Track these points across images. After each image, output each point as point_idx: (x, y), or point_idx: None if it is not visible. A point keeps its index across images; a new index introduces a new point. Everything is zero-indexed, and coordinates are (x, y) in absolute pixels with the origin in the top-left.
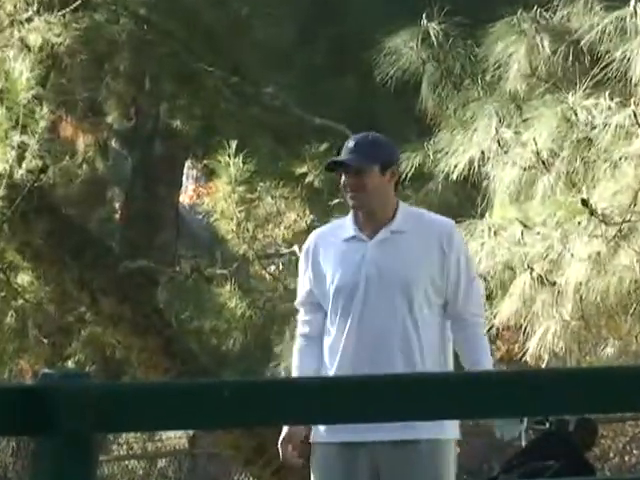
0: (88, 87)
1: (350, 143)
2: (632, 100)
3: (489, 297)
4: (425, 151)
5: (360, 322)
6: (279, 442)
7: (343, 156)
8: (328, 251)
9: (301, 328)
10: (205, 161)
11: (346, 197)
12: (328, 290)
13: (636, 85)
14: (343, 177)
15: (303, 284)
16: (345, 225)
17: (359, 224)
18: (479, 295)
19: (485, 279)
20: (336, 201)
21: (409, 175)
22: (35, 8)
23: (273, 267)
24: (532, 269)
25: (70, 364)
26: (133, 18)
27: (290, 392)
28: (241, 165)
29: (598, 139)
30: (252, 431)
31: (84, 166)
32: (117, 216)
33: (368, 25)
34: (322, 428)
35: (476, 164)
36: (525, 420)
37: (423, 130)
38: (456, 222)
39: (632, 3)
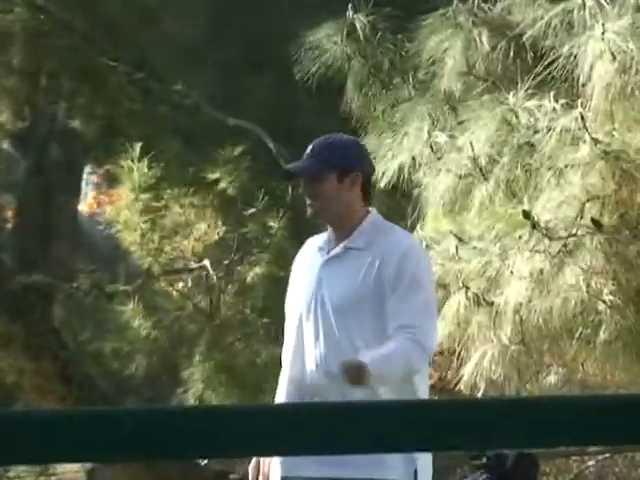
0: None
1: (309, 147)
2: (579, 102)
3: None
4: None
5: (307, 349)
6: (250, 467)
7: (297, 162)
8: (302, 264)
9: (283, 354)
10: (107, 166)
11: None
12: (288, 313)
13: (583, 85)
14: (301, 183)
15: (287, 302)
16: (324, 235)
17: (329, 236)
18: (420, 312)
19: None
20: (251, 210)
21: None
22: None
23: (181, 284)
24: (467, 287)
25: None
26: (28, 7)
27: (198, 421)
28: (146, 170)
29: (541, 144)
30: (154, 465)
31: None
32: (9, 225)
33: (288, 17)
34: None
35: (406, 171)
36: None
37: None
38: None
39: None
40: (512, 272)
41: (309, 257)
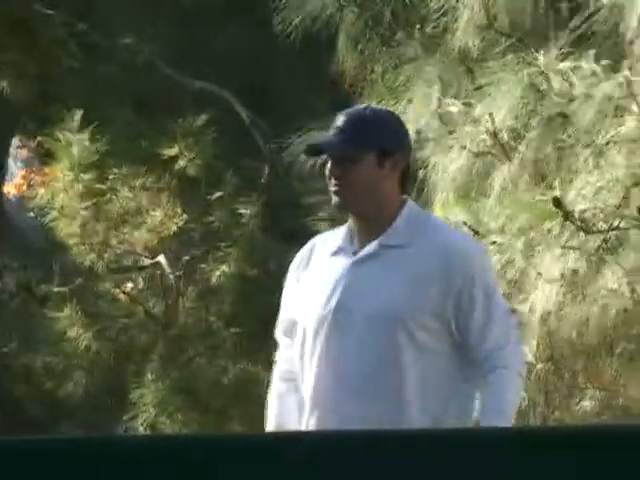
0: None
1: (339, 119)
2: (625, 63)
3: None
4: None
5: (326, 367)
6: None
7: (326, 137)
8: (312, 267)
9: (277, 366)
10: (39, 138)
11: (331, 192)
12: (298, 322)
13: (631, 43)
14: (328, 164)
15: (283, 307)
16: (341, 232)
17: (351, 232)
18: (505, 328)
19: None
20: (218, 195)
21: (317, 162)
22: None
23: (130, 285)
24: None
25: None
26: None
27: (154, 451)
28: (88, 144)
29: (577, 116)
30: None
31: None
32: None
33: None
34: None
35: None
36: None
37: (339, 100)
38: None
39: None
40: (540, 273)
41: (322, 259)
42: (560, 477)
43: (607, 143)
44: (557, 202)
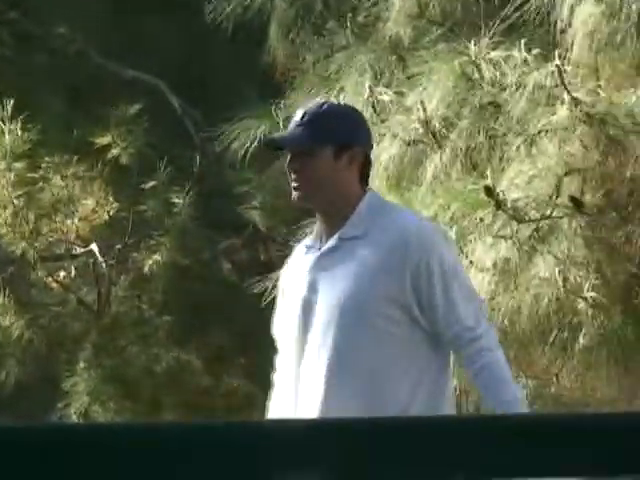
0: None
1: (297, 113)
2: (556, 52)
3: None
4: (272, 118)
5: (300, 366)
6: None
7: (283, 132)
8: (291, 274)
9: (275, 371)
10: None
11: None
12: (278, 322)
13: (562, 32)
14: (287, 158)
15: (277, 311)
16: (313, 231)
17: (319, 229)
18: (470, 308)
19: None
20: (150, 183)
21: (249, 151)
22: None
23: (63, 273)
24: None
25: None
26: None
27: (83, 440)
28: (19, 133)
29: (509, 105)
30: None
31: None
32: None
33: None
34: None
35: None
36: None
37: (270, 89)
38: (313, 215)
39: None
40: (472, 262)
41: (298, 263)
42: (495, 465)
43: (539, 132)
44: (489, 191)
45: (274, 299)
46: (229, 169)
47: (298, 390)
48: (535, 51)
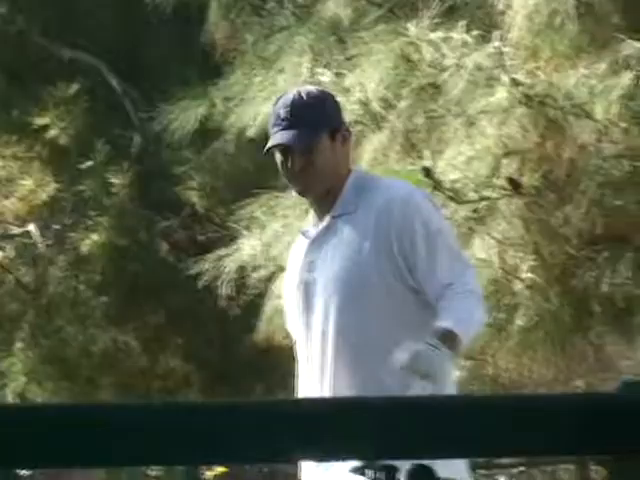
0: None
1: (281, 110)
2: (496, 34)
3: None
4: (211, 99)
5: (308, 347)
6: None
7: (277, 135)
8: (293, 256)
9: (297, 362)
10: None
11: (288, 181)
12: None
13: (502, 13)
14: (278, 156)
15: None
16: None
17: (315, 213)
18: (455, 266)
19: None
20: (88, 164)
21: (188, 131)
22: None
23: (1, 253)
24: None
25: None
26: None
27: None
28: None
29: (448, 86)
30: None
31: None
32: None
33: None
34: None
35: None
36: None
37: (209, 70)
38: (252, 195)
39: None
40: None
41: (297, 250)
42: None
43: (478, 113)
44: (427, 172)
45: (214, 279)
46: (168, 149)
47: (314, 372)
48: (475, 32)
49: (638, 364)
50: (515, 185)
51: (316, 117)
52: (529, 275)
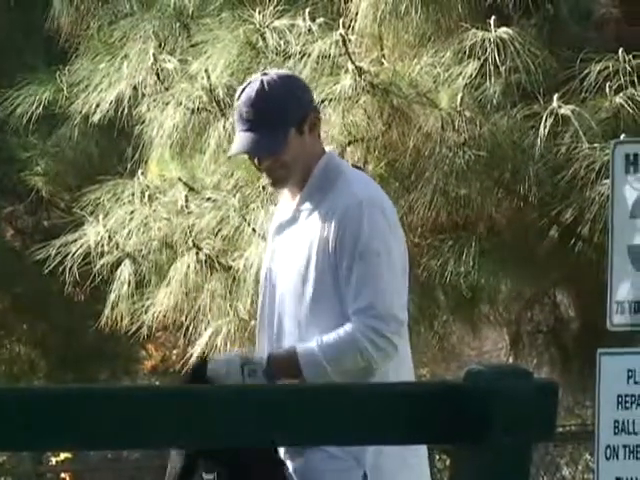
0: None
1: (244, 109)
2: (340, 21)
3: (140, 285)
4: (57, 84)
5: (272, 334)
6: None
7: (242, 137)
8: (272, 223)
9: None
10: None
11: (263, 177)
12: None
13: (346, 1)
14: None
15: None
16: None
17: (285, 199)
18: (370, 289)
19: (135, 260)
20: None
21: (34, 116)
22: None
23: None
24: (199, 248)
25: None
26: None
27: None
28: None
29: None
30: None
31: None
32: None
33: None
34: None
35: (126, 103)
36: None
37: (54, 55)
38: (97, 181)
39: None
40: (254, 230)
41: (273, 224)
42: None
43: (323, 101)
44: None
45: (59, 264)
46: (12, 135)
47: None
48: (319, 20)
49: (482, 353)
50: None
51: (281, 115)
52: None
